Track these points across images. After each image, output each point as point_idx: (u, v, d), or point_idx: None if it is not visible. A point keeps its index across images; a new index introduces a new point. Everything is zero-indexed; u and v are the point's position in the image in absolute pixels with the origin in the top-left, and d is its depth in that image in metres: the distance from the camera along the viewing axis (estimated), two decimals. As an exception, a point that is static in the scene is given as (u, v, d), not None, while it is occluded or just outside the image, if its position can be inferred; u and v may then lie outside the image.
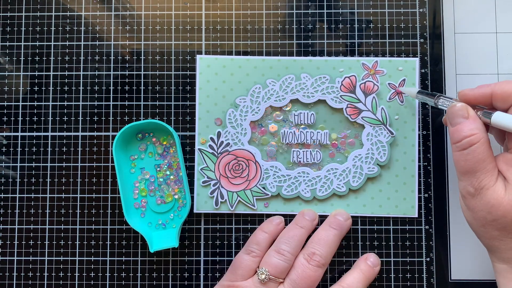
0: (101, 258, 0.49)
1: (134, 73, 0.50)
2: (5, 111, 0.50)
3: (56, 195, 0.50)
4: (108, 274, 0.49)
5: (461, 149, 0.38)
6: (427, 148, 0.49)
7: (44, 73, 0.50)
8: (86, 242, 0.49)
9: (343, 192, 0.48)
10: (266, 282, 0.43)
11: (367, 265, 0.46)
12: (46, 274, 0.49)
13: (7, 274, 0.49)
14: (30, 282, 0.49)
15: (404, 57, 0.49)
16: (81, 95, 0.50)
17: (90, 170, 0.50)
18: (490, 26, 0.49)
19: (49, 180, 0.50)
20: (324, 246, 0.45)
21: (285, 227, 0.47)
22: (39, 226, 0.50)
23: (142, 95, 0.50)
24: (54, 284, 0.49)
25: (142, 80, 0.50)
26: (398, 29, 0.49)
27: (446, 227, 0.48)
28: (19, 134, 0.50)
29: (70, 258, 0.49)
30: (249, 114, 0.49)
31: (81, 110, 0.50)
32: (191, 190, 0.49)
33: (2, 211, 0.50)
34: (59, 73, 0.50)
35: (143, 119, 0.50)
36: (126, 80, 0.50)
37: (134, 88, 0.50)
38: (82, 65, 0.50)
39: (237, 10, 0.50)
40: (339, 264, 0.49)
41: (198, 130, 0.49)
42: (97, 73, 0.50)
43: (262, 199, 0.49)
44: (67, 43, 0.50)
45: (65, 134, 0.50)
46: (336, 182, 0.48)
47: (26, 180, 0.50)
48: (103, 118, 0.50)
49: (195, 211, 0.49)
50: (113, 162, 0.49)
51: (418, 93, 0.45)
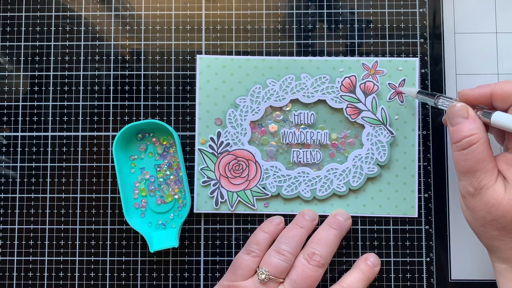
0: (101, 258, 0.49)
1: (134, 73, 0.50)
2: (5, 111, 0.50)
3: (56, 195, 0.50)
4: (108, 274, 0.49)
5: (460, 149, 0.38)
6: (427, 148, 0.49)
7: (44, 73, 0.50)
8: (86, 242, 0.49)
9: (343, 192, 0.48)
10: (266, 282, 0.43)
11: (367, 265, 0.46)
12: (46, 274, 0.49)
13: (7, 274, 0.49)
14: (30, 282, 0.49)
15: (404, 57, 0.49)
16: (81, 95, 0.50)
17: (90, 170, 0.50)
18: (490, 26, 0.49)
19: (49, 180, 0.50)
20: (324, 246, 0.45)
21: (285, 227, 0.47)
22: (39, 226, 0.50)
23: (142, 95, 0.50)
24: (54, 284, 0.49)
25: (142, 80, 0.50)
26: (398, 29, 0.49)
27: (446, 227, 0.48)
28: (19, 134, 0.50)
29: (70, 258, 0.49)
30: (249, 114, 0.49)
31: (81, 110, 0.50)
32: (191, 190, 0.49)
33: (2, 211, 0.50)
34: (59, 73, 0.50)
35: (143, 119, 0.50)
36: (126, 80, 0.50)
37: (134, 88, 0.50)
38: (82, 65, 0.50)
39: (237, 10, 0.50)
40: (339, 264, 0.49)
41: (198, 130, 0.49)
42: (97, 73, 0.50)
43: (262, 199, 0.49)
44: (67, 43, 0.50)
45: (65, 134, 0.50)
46: (336, 182, 0.48)
47: (26, 180, 0.50)
48: (103, 118, 0.50)
49: (195, 211, 0.49)
50: (113, 162, 0.49)
51: (418, 93, 0.45)
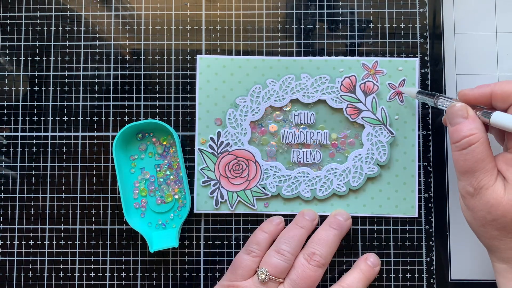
0: (101, 258, 0.49)
1: (134, 73, 0.50)
2: (5, 111, 0.50)
3: (56, 195, 0.50)
4: (108, 274, 0.49)
5: (460, 149, 0.38)
6: (427, 148, 0.49)
7: (44, 73, 0.50)
8: (86, 242, 0.49)
9: (343, 192, 0.48)
10: (266, 282, 0.43)
11: (367, 265, 0.46)
12: (46, 274, 0.49)
13: (7, 274, 0.49)
14: (30, 282, 0.49)
15: (404, 57, 0.49)
16: (81, 95, 0.50)
17: (90, 170, 0.50)
18: (490, 26, 0.49)
19: (49, 180, 0.50)
20: (324, 246, 0.45)
21: (285, 227, 0.47)
22: (39, 226, 0.50)
23: (142, 95, 0.50)
24: (54, 284, 0.49)
25: (142, 80, 0.50)
26: (398, 29, 0.49)
27: (446, 227, 0.48)
28: (19, 134, 0.50)
29: (70, 258, 0.49)
30: (249, 114, 0.49)
31: (81, 110, 0.50)
32: (191, 190, 0.49)
33: (2, 211, 0.50)
34: (59, 73, 0.50)
35: (143, 119, 0.50)
36: (126, 80, 0.50)
37: (134, 88, 0.50)
38: (82, 65, 0.50)
39: (237, 10, 0.50)
40: (339, 264, 0.49)
41: (198, 130, 0.49)
42: (97, 73, 0.50)
43: (262, 199, 0.49)
44: (67, 43, 0.50)
45: (65, 134, 0.50)
46: (336, 182, 0.48)
47: (26, 180, 0.50)
48: (103, 118, 0.50)
49: (195, 211, 0.49)
50: (113, 162, 0.49)
51: (417, 93, 0.45)
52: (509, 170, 0.38)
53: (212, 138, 0.49)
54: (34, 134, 0.50)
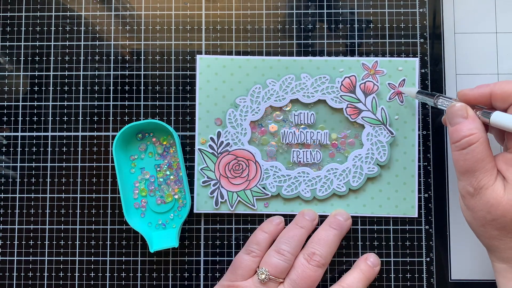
0: (101, 258, 0.49)
1: (134, 73, 0.50)
2: (5, 111, 0.50)
3: (56, 195, 0.50)
4: (108, 274, 0.49)
5: (460, 148, 0.38)
6: (427, 148, 0.49)
7: (44, 73, 0.50)
8: (86, 242, 0.49)
9: (343, 192, 0.48)
10: (266, 282, 0.43)
11: (367, 265, 0.46)
12: (46, 274, 0.49)
13: (7, 274, 0.49)
14: (30, 282, 0.49)
15: (404, 57, 0.49)
16: (81, 95, 0.50)
17: (90, 170, 0.50)
18: (490, 26, 0.49)
19: (49, 180, 0.50)
20: (324, 246, 0.45)
21: (285, 227, 0.47)
22: (39, 226, 0.50)
23: (142, 95, 0.50)
24: (54, 284, 0.49)
25: (142, 80, 0.50)
26: (398, 29, 0.49)
27: (446, 227, 0.48)
28: (19, 134, 0.50)
29: (70, 258, 0.49)
30: (249, 114, 0.49)
31: (81, 110, 0.50)
32: (191, 190, 0.49)
33: (2, 211, 0.50)
34: (59, 73, 0.50)
35: (143, 119, 0.50)
36: (126, 80, 0.50)
37: (134, 88, 0.50)
38: (82, 65, 0.50)
39: (237, 10, 0.50)
40: (339, 264, 0.49)
41: (198, 130, 0.49)
42: (97, 73, 0.50)
43: (262, 199, 0.49)
44: (67, 43, 0.50)
45: (65, 134, 0.50)
46: (336, 182, 0.48)
47: (26, 180, 0.50)
48: (103, 118, 0.50)
49: (195, 211, 0.49)
50: (113, 162, 0.49)
51: (417, 93, 0.45)
52: (509, 170, 0.38)
53: (212, 138, 0.49)
54: (34, 134, 0.50)
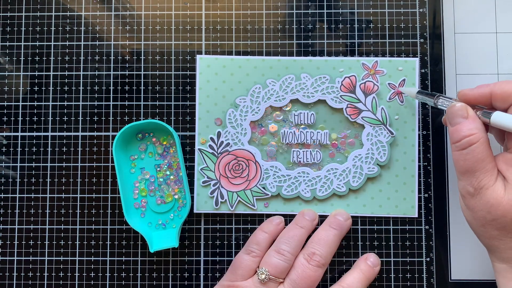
0: (101, 258, 0.49)
1: (134, 73, 0.50)
2: (5, 111, 0.50)
3: (56, 195, 0.50)
4: (108, 274, 0.49)
5: (460, 148, 0.38)
6: (427, 148, 0.49)
7: (44, 73, 0.50)
8: (86, 242, 0.49)
9: (343, 192, 0.48)
10: (266, 282, 0.43)
11: (367, 265, 0.46)
12: (46, 274, 0.49)
13: (7, 274, 0.49)
14: (30, 282, 0.49)
15: (404, 57, 0.49)
16: (81, 95, 0.50)
17: (90, 170, 0.50)
18: (490, 26, 0.49)
19: (49, 180, 0.50)
20: (324, 246, 0.45)
21: (285, 227, 0.47)
22: (39, 226, 0.50)
23: (142, 95, 0.50)
24: (54, 284, 0.49)
25: (142, 80, 0.50)
26: (398, 29, 0.49)
27: (446, 227, 0.48)
28: (19, 134, 0.50)
29: (70, 258, 0.49)
30: (249, 114, 0.49)
31: (81, 110, 0.50)
32: (191, 190, 0.49)
33: (2, 211, 0.50)
34: (59, 73, 0.50)
35: (143, 119, 0.50)
36: (126, 80, 0.50)
37: (134, 88, 0.50)
38: (82, 65, 0.50)
39: (237, 10, 0.50)
40: (339, 264, 0.49)
41: (198, 130, 0.49)
42: (97, 73, 0.50)
43: (262, 199, 0.49)
44: (67, 43, 0.50)
45: (65, 134, 0.50)
46: (336, 182, 0.48)
47: (26, 180, 0.50)
48: (103, 118, 0.50)
49: (195, 211, 0.49)
50: (113, 162, 0.49)
51: (417, 93, 0.45)
52: (509, 170, 0.38)
53: (212, 138, 0.49)
54: (34, 134, 0.50)
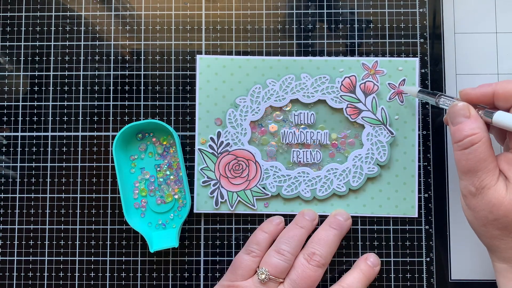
0: (101, 258, 0.49)
1: (134, 73, 0.50)
2: (5, 111, 0.50)
3: (56, 195, 0.50)
4: (108, 274, 0.49)
5: (462, 148, 0.38)
6: (427, 148, 0.49)
7: (44, 73, 0.50)
8: (86, 242, 0.49)
9: (343, 192, 0.48)
10: (266, 282, 0.43)
11: (367, 265, 0.46)
12: (46, 274, 0.49)
13: (7, 274, 0.49)
14: (30, 282, 0.49)
15: (404, 57, 0.49)
16: (81, 95, 0.50)
17: (90, 170, 0.50)
18: (490, 26, 0.49)
19: (49, 180, 0.50)
20: (324, 246, 0.45)
21: (285, 227, 0.47)
22: (39, 226, 0.49)
23: (142, 95, 0.50)
24: (54, 284, 0.49)
25: (142, 80, 0.50)
26: (398, 29, 0.49)
27: (446, 227, 0.48)
28: (19, 134, 0.50)
29: (70, 258, 0.49)
30: (249, 114, 0.49)
31: (81, 110, 0.50)
32: (191, 190, 0.49)
33: (2, 211, 0.50)
34: (59, 73, 0.50)
35: (143, 119, 0.50)
36: (126, 80, 0.50)
37: (134, 88, 0.50)
38: (82, 65, 0.50)
39: (237, 10, 0.50)
40: (339, 264, 0.49)
41: (198, 130, 0.49)
42: (97, 73, 0.50)
43: (262, 199, 0.49)
44: (67, 43, 0.50)
45: (65, 134, 0.50)
46: (336, 182, 0.48)
47: (26, 180, 0.50)
48: (103, 118, 0.50)
49: (195, 211, 0.49)
50: (113, 162, 0.49)
51: (419, 92, 0.45)
52: (510, 170, 0.38)
53: (212, 138, 0.49)
54: (34, 134, 0.50)
